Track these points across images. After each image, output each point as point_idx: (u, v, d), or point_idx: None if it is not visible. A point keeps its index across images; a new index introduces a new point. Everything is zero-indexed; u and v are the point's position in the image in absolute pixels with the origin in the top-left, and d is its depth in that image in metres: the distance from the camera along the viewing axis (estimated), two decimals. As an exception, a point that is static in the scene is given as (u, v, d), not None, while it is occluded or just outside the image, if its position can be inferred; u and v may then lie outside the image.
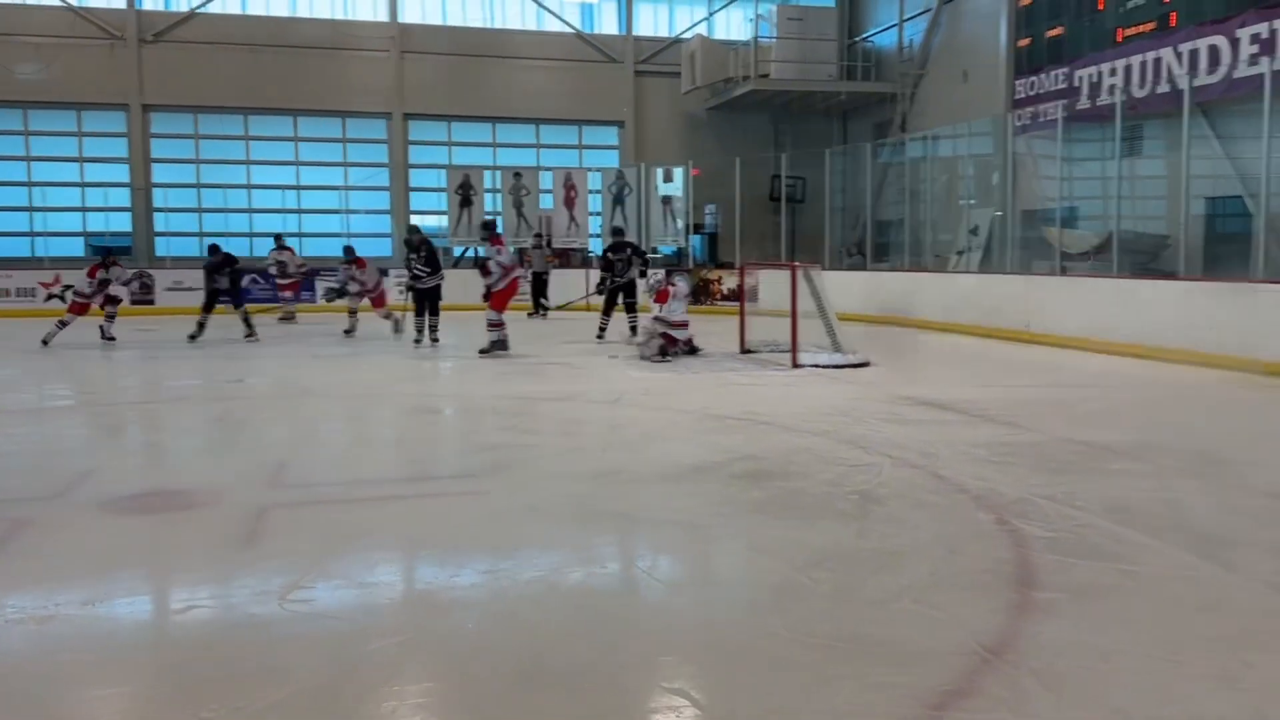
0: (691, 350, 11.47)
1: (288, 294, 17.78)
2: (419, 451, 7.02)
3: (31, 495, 5.28)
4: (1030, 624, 3.37)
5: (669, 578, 4.17)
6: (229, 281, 13.98)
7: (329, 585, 3.82)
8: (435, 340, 12.96)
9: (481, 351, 11.79)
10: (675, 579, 4.15)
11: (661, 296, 11.50)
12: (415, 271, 12.96)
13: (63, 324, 13.18)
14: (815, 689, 2.90)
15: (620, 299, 13.81)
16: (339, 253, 21.02)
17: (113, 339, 13.63)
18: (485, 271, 12.13)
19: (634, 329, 13.00)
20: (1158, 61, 14.02)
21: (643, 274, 13.66)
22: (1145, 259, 13.81)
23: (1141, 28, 14.29)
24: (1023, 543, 4.25)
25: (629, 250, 14.03)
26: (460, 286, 17.86)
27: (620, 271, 13.74)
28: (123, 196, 21.38)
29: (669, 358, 11.11)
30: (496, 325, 11.86)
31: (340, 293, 15.25)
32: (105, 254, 14.26)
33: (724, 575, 4.12)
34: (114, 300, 13.82)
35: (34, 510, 4.95)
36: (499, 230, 12.53)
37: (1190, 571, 3.87)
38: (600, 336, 13.57)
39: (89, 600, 3.63)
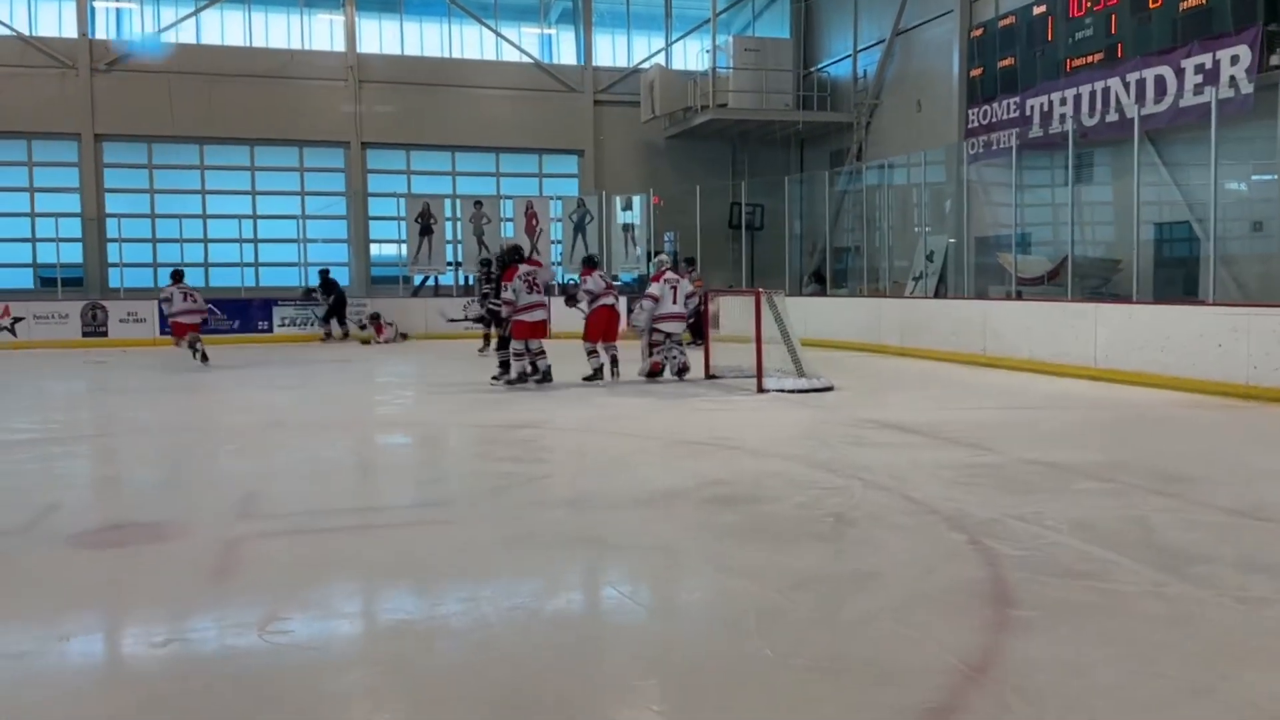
0: (681, 369, 11.80)
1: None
2: (389, 481, 6.95)
3: (-7, 530, 5.16)
4: (1009, 641, 3.42)
5: (648, 603, 4.17)
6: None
7: (307, 617, 3.78)
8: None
9: (584, 378, 11.64)
10: (654, 604, 4.15)
11: (655, 278, 12.04)
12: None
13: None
14: (799, 710, 2.92)
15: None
16: (296, 282, 21.00)
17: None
18: (572, 300, 12.25)
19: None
20: (1106, 91, 14.41)
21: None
22: (1097, 283, 14.12)
23: (1090, 58, 14.68)
24: (995, 562, 4.31)
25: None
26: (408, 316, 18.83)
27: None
28: (74, 227, 21.07)
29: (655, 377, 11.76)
30: (591, 353, 11.79)
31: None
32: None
33: (703, 599, 4.12)
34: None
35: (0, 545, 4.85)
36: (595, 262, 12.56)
37: (1160, 588, 3.95)
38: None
39: (64, 635, 3.56)
